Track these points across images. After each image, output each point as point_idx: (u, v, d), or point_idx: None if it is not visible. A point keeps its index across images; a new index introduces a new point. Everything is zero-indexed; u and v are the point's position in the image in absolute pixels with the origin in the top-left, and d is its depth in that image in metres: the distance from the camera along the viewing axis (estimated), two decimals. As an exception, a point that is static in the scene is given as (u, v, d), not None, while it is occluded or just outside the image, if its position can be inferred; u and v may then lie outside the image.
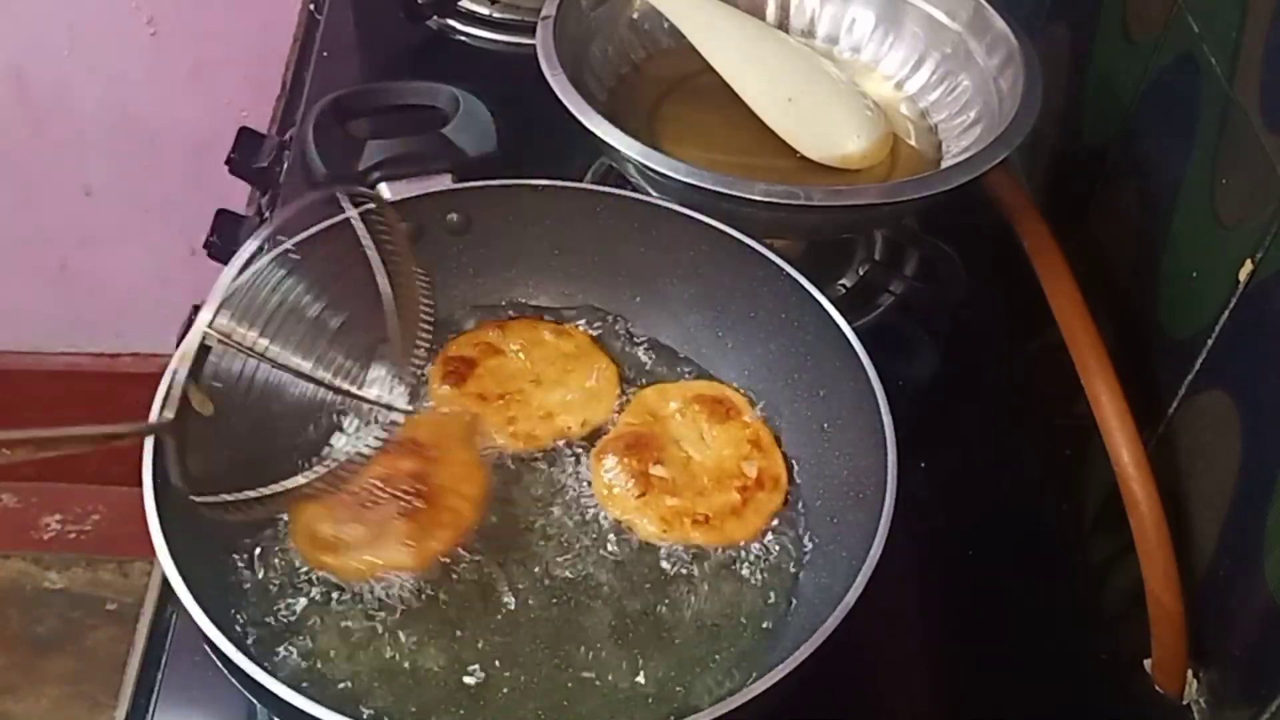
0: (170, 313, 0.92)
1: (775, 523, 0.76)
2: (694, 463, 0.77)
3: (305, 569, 0.71)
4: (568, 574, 0.73)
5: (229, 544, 0.72)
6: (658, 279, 0.84)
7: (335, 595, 0.71)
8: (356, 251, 0.68)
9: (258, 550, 0.72)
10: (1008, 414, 0.93)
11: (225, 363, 0.63)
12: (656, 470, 0.76)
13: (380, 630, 0.69)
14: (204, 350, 0.62)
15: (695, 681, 0.69)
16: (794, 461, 0.78)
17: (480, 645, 0.69)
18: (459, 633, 0.70)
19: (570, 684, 0.68)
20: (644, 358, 0.85)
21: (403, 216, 0.81)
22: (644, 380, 0.83)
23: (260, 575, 0.71)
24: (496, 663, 0.69)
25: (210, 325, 0.61)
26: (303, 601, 0.70)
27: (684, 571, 0.74)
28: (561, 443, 0.79)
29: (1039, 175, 1.07)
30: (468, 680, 0.68)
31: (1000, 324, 0.99)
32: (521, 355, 0.83)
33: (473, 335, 0.84)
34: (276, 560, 0.72)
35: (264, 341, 0.63)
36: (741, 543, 0.74)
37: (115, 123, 1.71)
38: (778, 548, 0.75)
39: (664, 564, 0.74)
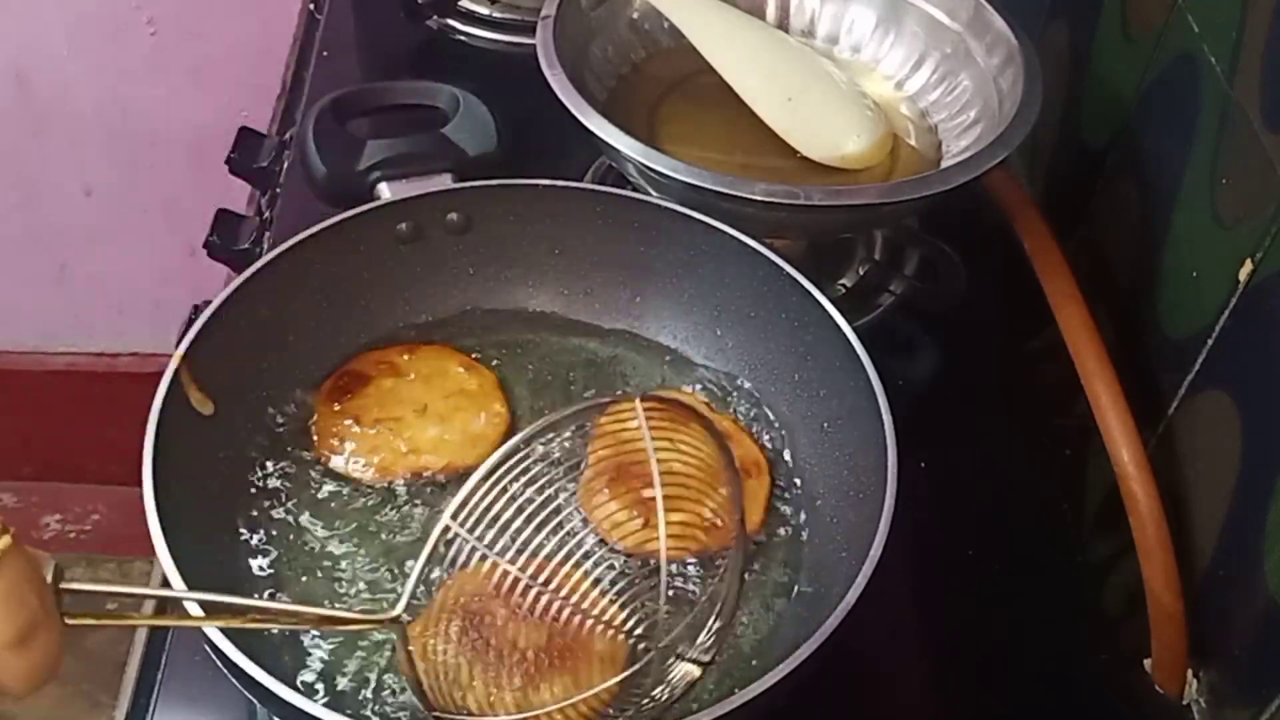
0: (170, 312, 0.92)
1: (779, 509, 0.75)
2: (678, 473, 0.75)
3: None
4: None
5: (230, 544, 0.72)
6: (658, 279, 0.84)
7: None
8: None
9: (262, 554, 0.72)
10: (1008, 414, 0.93)
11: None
12: (647, 492, 0.73)
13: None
14: (446, 544, 0.58)
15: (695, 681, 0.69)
16: (785, 454, 0.79)
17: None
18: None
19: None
20: (643, 359, 0.85)
21: (403, 216, 0.82)
22: (637, 382, 0.83)
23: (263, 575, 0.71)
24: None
25: (449, 519, 0.58)
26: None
27: (684, 574, 0.73)
28: (402, 480, 0.77)
29: (1039, 175, 1.07)
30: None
31: (1000, 324, 0.99)
32: (417, 382, 0.80)
33: (380, 353, 0.82)
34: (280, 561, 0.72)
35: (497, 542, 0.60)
36: (753, 533, 0.73)
37: (115, 123, 1.71)
38: (778, 547, 0.75)
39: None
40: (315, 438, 0.78)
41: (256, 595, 0.70)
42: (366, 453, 0.77)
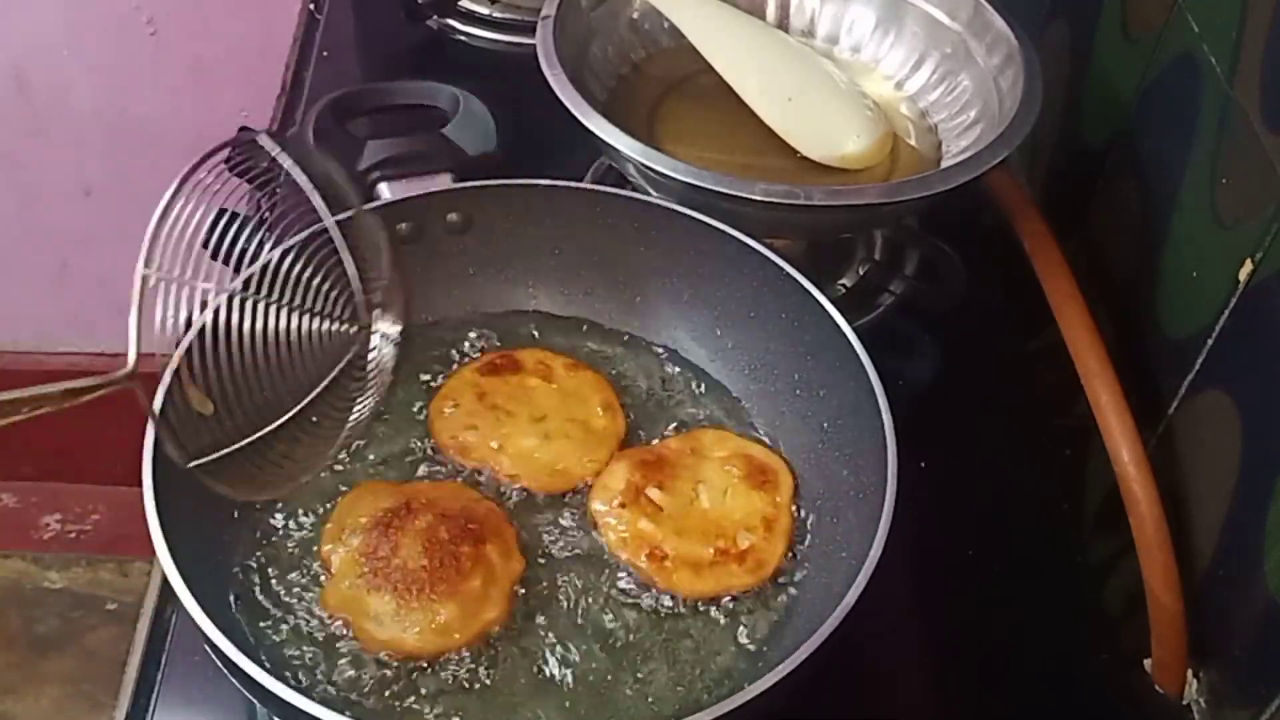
0: (170, 313, 0.92)
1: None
2: (696, 506, 0.76)
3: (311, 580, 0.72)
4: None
5: (230, 544, 0.72)
6: (658, 279, 0.84)
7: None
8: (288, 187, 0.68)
9: (260, 554, 0.73)
10: (1008, 414, 0.93)
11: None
12: (653, 493, 0.75)
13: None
14: (148, 293, 0.61)
15: (696, 681, 0.69)
16: (785, 454, 0.79)
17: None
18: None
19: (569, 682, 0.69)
20: (643, 359, 0.85)
21: (403, 216, 0.82)
22: (637, 381, 0.83)
23: (262, 576, 0.71)
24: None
25: (144, 269, 0.61)
26: (306, 611, 0.71)
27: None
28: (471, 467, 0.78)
29: (1039, 175, 1.07)
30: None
31: (1000, 324, 0.99)
32: (555, 395, 0.81)
33: (546, 353, 0.83)
34: (280, 561, 0.72)
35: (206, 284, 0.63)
36: (682, 596, 0.72)
37: (115, 123, 1.71)
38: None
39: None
40: (437, 395, 0.79)
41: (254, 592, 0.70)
42: (463, 426, 0.78)
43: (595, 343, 0.86)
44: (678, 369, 0.84)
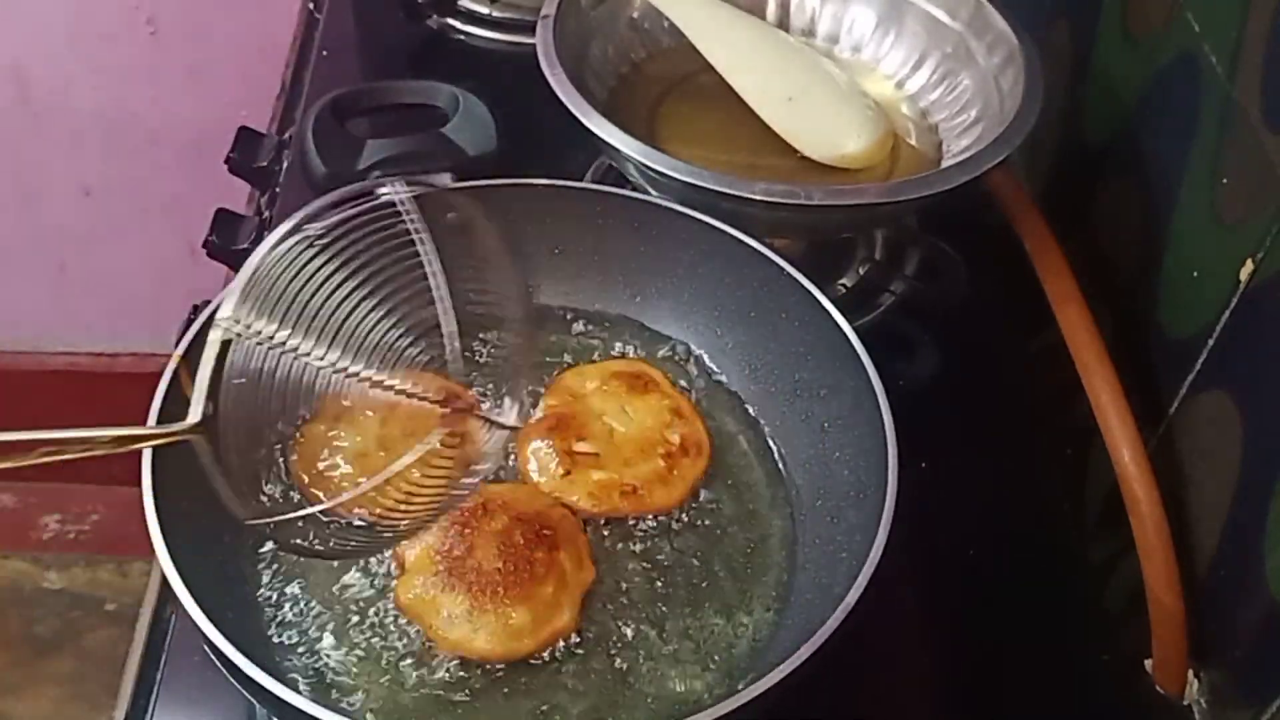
0: (170, 313, 0.92)
1: (778, 508, 0.76)
2: (618, 434, 0.78)
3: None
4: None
5: (230, 544, 0.72)
6: (657, 279, 0.84)
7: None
8: (399, 239, 0.63)
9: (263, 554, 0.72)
10: (1008, 414, 0.93)
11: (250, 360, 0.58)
12: (581, 446, 0.77)
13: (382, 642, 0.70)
14: (225, 345, 0.57)
15: (696, 681, 0.69)
16: (785, 454, 0.79)
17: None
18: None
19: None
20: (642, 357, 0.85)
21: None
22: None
23: (265, 576, 0.71)
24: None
25: (229, 317, 0.56)
26: (308, 605, 0.71)
27: (684, 568, 0.74)
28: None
29: (1039, 175, 1.07)
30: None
31: (1000, 324, 0.99)
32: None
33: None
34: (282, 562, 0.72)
35: (287, 334, 0.58)
36: (671, 511, 0.75)
37: (115, 122, 1.71)
38: (777, 547, 0.75)
39: (664, 562, 0.74)
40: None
41: (262, 590, 0.70)
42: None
43: (596, 341, 0.85)
44: (676, 368, 0.84)
